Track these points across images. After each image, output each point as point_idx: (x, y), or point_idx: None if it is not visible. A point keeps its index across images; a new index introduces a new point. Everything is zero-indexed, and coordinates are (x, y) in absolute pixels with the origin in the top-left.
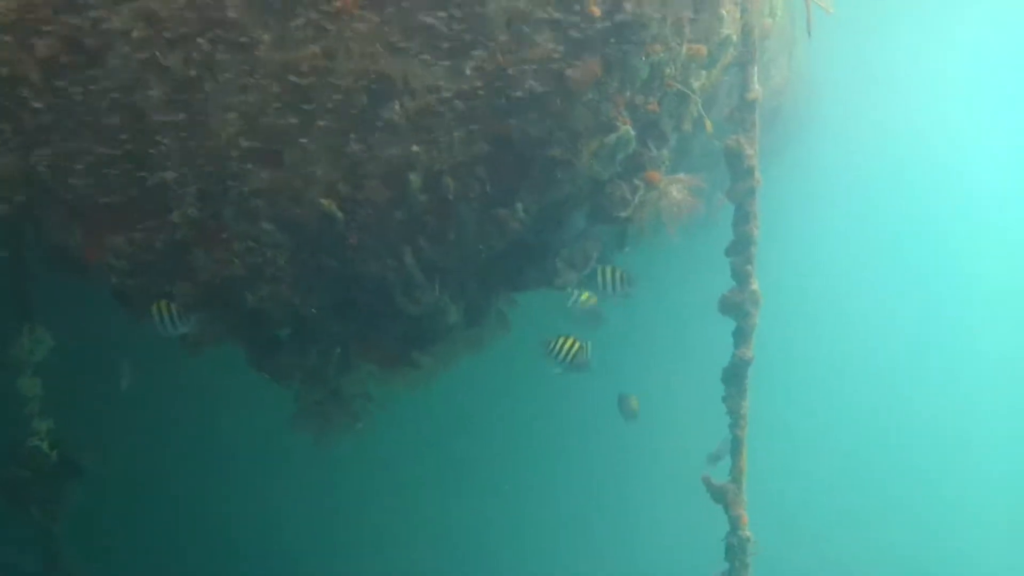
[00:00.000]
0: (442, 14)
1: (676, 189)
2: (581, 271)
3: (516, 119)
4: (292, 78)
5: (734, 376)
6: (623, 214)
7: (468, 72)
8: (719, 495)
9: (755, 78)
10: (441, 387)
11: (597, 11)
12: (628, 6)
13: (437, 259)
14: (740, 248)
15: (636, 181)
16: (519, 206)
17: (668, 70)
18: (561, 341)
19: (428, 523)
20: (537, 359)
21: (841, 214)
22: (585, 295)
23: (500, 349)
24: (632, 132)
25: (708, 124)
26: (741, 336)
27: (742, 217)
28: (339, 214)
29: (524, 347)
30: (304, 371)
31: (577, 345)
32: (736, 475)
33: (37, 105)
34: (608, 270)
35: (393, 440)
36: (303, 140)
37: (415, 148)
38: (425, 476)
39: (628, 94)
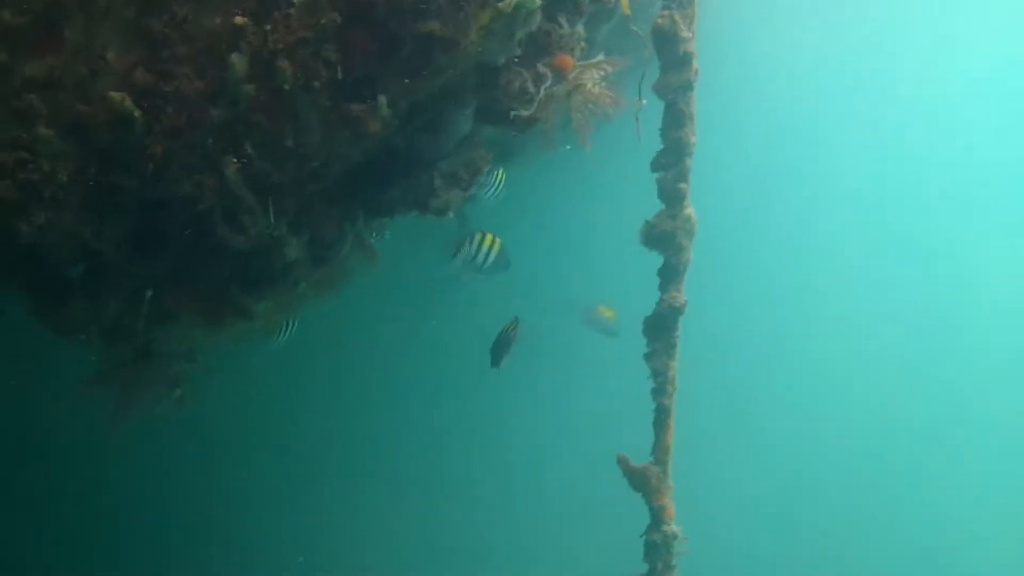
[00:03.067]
0: None
1: (592, 80)
2: (466, 189)
3: None
4: None
5: (661, 327)
6: (524, 113)
7: None
8: (639, 481)
9: None
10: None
11: None
12: None
13: (270, 174)
14: (671, 160)
15: (541, 68)
16: (382, 100)
17: None
18: (478, 238)
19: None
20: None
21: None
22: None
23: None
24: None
25: (624, 1)
26: (671, 275)
27: (675, 119)
28: (136, 113)
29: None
30: (103, 324)
31: (496, 242)
32: (660, 455)
33: None
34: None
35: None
36: (89, 12)
37: (239, 19)
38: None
39: None
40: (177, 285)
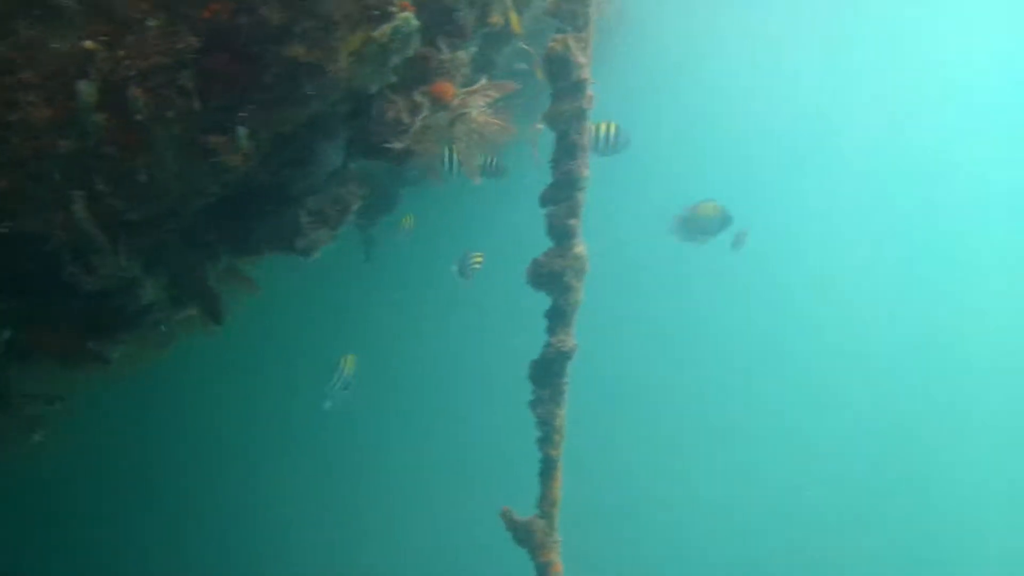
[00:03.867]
0: None
1: (478, 107)
2: (336, 228)
3: None
4: None
5: (548, 373)
6: (398, 145)
7: None
8: (523, 535)
9: None
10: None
11: None
12: None
13: (123, 210)
14: (562, 195)
15: (418, 97)
16: (242, 132)
17: None
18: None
19: None
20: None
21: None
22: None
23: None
24: (415, 22)
25: (515, 20)
26: (559, 318)
27: (566, 150)
28: None
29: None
30: None
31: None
32: (547, 508)
33: None
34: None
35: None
36: None
37: (88, 44)
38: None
39: None
40: (33, 326)
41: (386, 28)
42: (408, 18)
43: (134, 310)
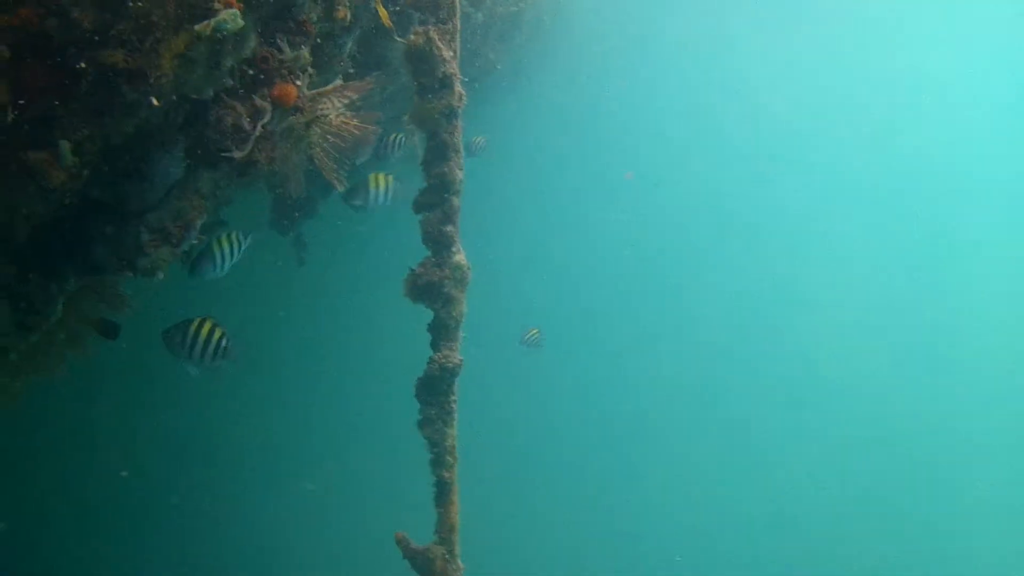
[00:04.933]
0: None
1: (334, 109)
2: (178, 245)
3: (53, 3)
4: None
5: (435, 391)
6: (239, 153)
7: None
8: (423, 563)
9: None
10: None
11: None
12: None
13: None
14: (435, 200)
15: (259, 100)
16: (65, 146)
17: None
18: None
19: None
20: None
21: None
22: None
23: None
24: (242, 18)
25: (383, 12)
26: (442, 331)
27: (437, 152)
28: None
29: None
30: None
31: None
32: (446, 534)
33: None
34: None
35: None
36: None
37: None
38: None
39: None
40: None
41: (209, 23)
42: (233, 14)
43: None
